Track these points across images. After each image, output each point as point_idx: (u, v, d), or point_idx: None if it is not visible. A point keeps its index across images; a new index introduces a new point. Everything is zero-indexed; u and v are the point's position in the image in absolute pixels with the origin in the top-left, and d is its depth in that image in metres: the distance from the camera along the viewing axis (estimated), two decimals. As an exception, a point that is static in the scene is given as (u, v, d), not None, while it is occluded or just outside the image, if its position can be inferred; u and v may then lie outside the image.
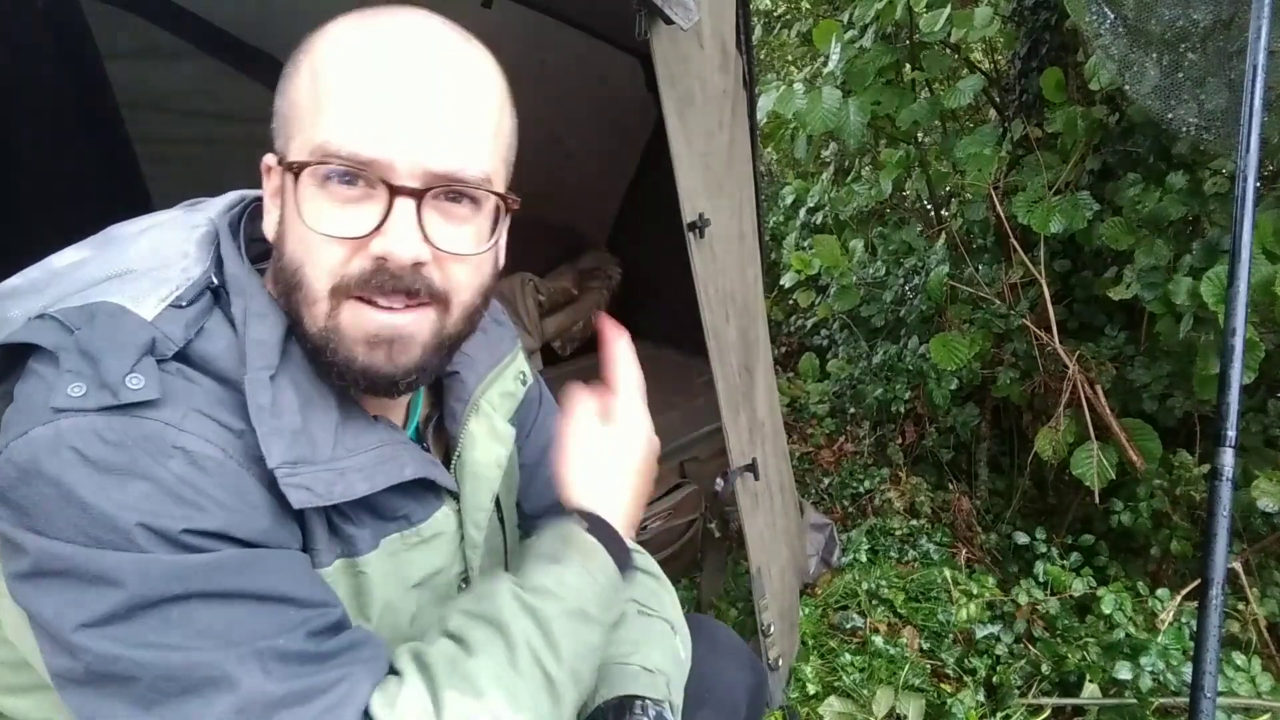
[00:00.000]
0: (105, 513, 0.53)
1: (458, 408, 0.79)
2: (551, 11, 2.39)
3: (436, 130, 0.62)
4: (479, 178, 0.64)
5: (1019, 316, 2.35)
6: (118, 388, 0.55)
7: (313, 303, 0.62)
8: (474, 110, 0.64)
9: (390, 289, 0.62)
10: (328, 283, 0.62)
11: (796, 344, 3.71)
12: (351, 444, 0.65)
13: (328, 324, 0.62)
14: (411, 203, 0.61)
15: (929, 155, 2.89)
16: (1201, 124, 1.68)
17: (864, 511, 2.48)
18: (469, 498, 0.77)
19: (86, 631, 0.53)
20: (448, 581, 0.77)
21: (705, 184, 1.45)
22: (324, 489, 0.62)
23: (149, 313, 0.60)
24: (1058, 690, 1.72)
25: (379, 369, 0.64)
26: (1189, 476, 1.98)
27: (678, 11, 1.20)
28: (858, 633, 1.92)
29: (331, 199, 0.61)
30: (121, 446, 0.55)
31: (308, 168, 0.60)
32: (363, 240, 0.61)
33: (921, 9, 2.43)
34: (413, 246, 0.61)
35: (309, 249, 0.62)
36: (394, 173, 0.60)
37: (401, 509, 0.70)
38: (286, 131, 0.64)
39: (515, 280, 2.75)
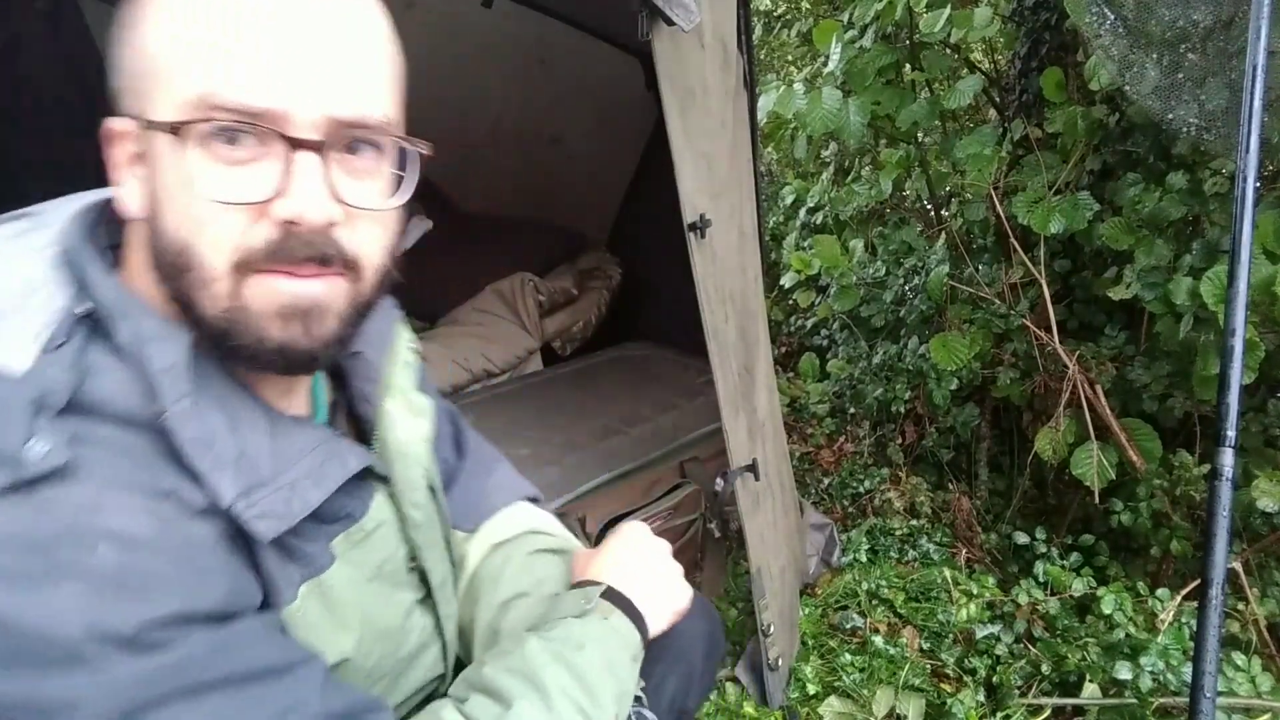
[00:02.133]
0: (40, 629, 0.45)
1: (368, 388, 0.73)
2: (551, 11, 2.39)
3: (334, 71, 0.54)
4: (384, 121, 0.58)
5: (1019, 316, 2.35)
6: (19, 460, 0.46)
7: (209, 283, 0.54)
8: (369, 45, 0.57)
9: (301, 256, 0.55)
10: (228, 258, 0.53)
11: (796, 344, 3.71)
12: (290, 453, 0.60)
13: (231, 304, 0.54)
14: (315, 157, 0.54)
15: (929, 155, 2.89)
16: (1201, 124, 1.68)
17: (864, 511, 2.48)
18: (400, 479, 0.73)
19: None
20: (397, 565, 0.74)
21: (706, 184, 1.45)
22: (284, 509, 0.57)
23: (23, 363, 0.50)
24: (1058, 690, 1.72)
25: (296, 344, 0.57)
26: (1189, 476, 1.98)
27: (679, 13, 1.20)
28: (858, 633, 1.92)
29: (217, 160, 0.52)
30: (37, 547, 0.46)
31: (188, 126, 0.51)
32: (262, 205, 0.53)
33: (921, 9, 2.43)
34: (324, 206, 0.54)
35: (199, 222, 0.53)
36: (290, 123, 0.53)
37: (343, 509, 0.66)
38: (142, 87, 0.54)
39: (515, 280, 2.75)
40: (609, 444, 2.06)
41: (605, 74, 2.54)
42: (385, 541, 0.71)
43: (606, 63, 2.49)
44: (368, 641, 0.69)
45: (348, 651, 0.66)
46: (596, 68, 2.55)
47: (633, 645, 0.76)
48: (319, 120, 0.54)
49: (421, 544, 0.75)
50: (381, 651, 0.71)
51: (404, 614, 0.75)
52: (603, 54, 2.48)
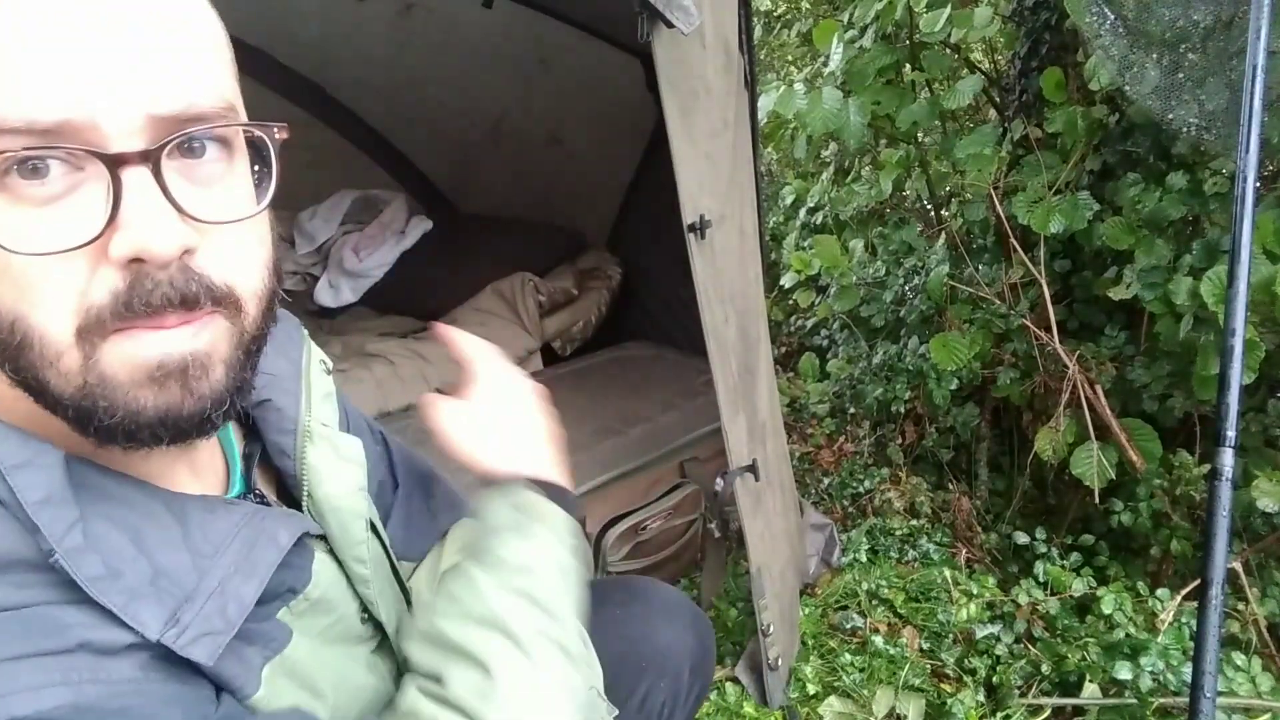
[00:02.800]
0: None
1: (284, 441, 0.64)
2: (551, 11, 2.39)
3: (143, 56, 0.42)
4: (220, 108, 0.46)
5: (1019, 316, 2.35)
6: None
7: (55, 359, 0.43)
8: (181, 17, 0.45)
9: (161, 301, 0.44)
10: (69, 323, 0.43)
11: (796, 344, 3.71)
12: (209, 547, 0.51)
13: (87, 379, 0.44)
14: (144, 170, 0.42)
15: (929, 155, 2.89)
16: (1201, 124, 1.68)
17: (864, 511, 2.48)
18: (339, 537, 0.65)
19: None
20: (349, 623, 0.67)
21: (707, 184, 1.45)
22: (221, 622, 0.49)
23: None
24: (1058, 690, 1.72)
25: (178, 410, 0.46)
26: (1189, 476, 1.98)
27: (678, 16, 1.20)
28: (858, 633, 1.92)
29: (20, 201, 0.41)
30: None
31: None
32: (94, 244, 0.42)
33: (921, 9, 2.43)
34: (171, 230, 0.43)
35: (22, 286, 0.42)
36: (102, 133, 0.41)
37: (283, 584, 0.57)
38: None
39: (515, 280, 2.75)
40: (609, 444, 2.06)
41: (605, 74, 2.54)
42: (333, 603, 0.64)
43: (606, 63, 2.49)
44: (343, 705, 0.63)
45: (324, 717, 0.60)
46: (596, 68, 2.55)
47: (572, 530, 0.70)
48: (138, 123, 0.42)
49: (372, 596, 0.68)
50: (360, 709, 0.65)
51: (366, 667, 0.69)
52: (603, 54, 2.48)
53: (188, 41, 0.45)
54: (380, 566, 0.72)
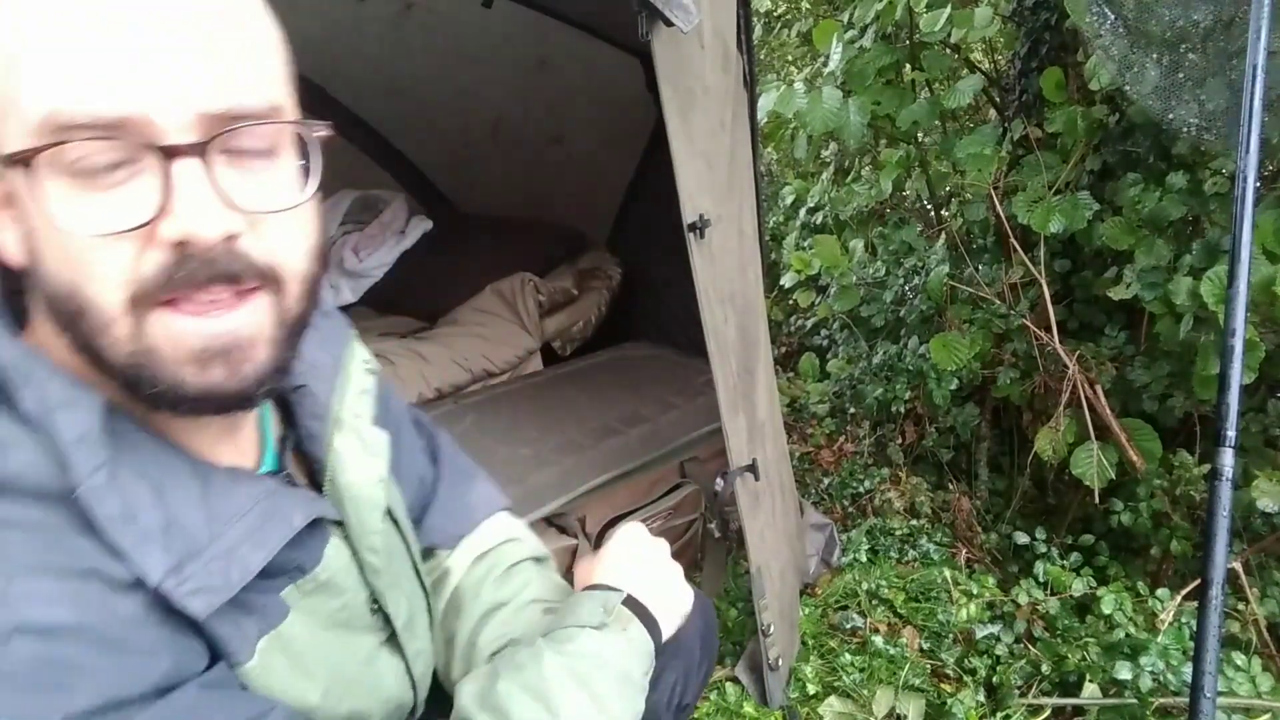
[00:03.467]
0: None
1: (315, 425, 0.67)
2: (551, 11, 2.39)
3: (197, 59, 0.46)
4: (264, 107, 0.50)
5: (1019, 316, 2.35)
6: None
7: (105, 326, 0.47)
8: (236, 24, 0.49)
9: (205, 279, 0.48)
10: (120, 294, 0.47)
11: (796, 344, 3.71)
12: (226, 513, 0.54)
13: (135, 348, 0.48)
14: (195, 161, 0.46)
15: (929, 155, 2.89)
16: (1202, 124, 1.68)
17: (864, 511, 2.48)
18: (355, 525, 0.67)
19: None
20: (358, 610, 0.69)
21: (706, 184, 1.45)
22: (221, 580, 0.51)
23: None
24: (1058, 690, 1.72)
25: (222, 389, 0.50)
26: (1189, 476, 1.98)
27: (678, 14, 1.20)
28: (858, 633, 1.92)
29: (86, 187, 0.46)
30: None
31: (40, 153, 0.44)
32: (148, 228, 0.46)
33: (921, 9, 2.43)
34: (216, 217, 0.47)
35: (78, 261, 0.46)
36: (157, 129, 0.46)
37: (292, 561, 0.60)
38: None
39: (515, 280, 2.75)
40: (609, 444, 2.06)
41: (605, 74, 2.54)
42: (341, 588, 0.66)
43: (606, 63, 2.49)
44: (337, 690, 0.64)
45: (314, 702, 0.62)
46: (596, 68, 2.55)
47: (648, 657, 0.74)
48: (190, 119, 0.46)
49: (382, 587, 0.70)
50: (354, 700, 0.67)
51: (367, 658, 0.70)
52: (603, 54, 2.48)
53: (239, 46, 0.49)
54: (396, 559, 0.74)
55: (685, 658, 0.88)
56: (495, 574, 0.86)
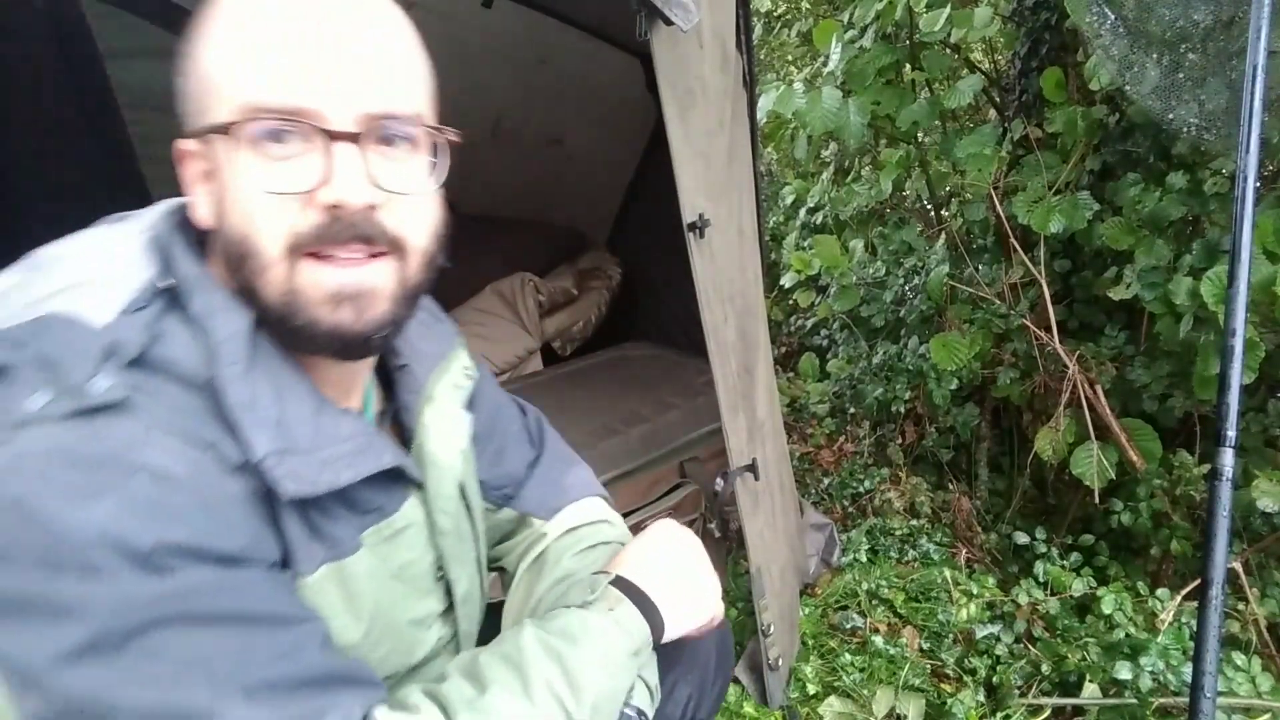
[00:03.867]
0: (67, 532, 0.50)
1: (411, 400, 0.78)
2: (551, 11, 2.39)
3: (363, 71, 0.60)
4: (412, 114, 0.64)
5: (1019, 316, 2.35)
6: (82, 390, 0.53)
7: (266, 268, 0.60)
8: (395, 48, 0.64)
9: (347, 238, 0.60)
10: (280, 243, 0.60)
11: (796, 344, 3.71)
12: (330, 433, 0.64)
13: (286, 288, 0.60)
14: (352, 147, 0.60)
15: (929, 155, 2.89)
16: (1202, 124, 1.68)
17: (864, 511, 2.48)
18: (433, 487, 0.77)
19: (57, 667, 0.49)
20: (423, 571, 0.77)
21: (705, 184, 1.45)
22: (311, 477, 0.60)
23: (103, 319, 0.57)
24: (1058, 690, 1.72)
25: (348, 328, 0.62)
26: (1189, 476, 1.98)
27: (678, 13, 1.20)
28: (858, 633, 1.92)
29: (266, 158, 0.59)
30: (86, 465, 0.52)
31: (237, 126, 0.58)
32: (309, 194, 0.59)
33: (921, 9, 2.43)
34: (363, 190, 0.60)
35: (253, 213, 0.59)
36: (327, 119, 0.59)
37: (374, 501, 0.70)
38: (198, 107, 0.61)
39: (515, 280, 2.75)
40: (609, 444, 2.06)
41: (605, 74, 2.54)
42: (413, 543, 0.75)
43: (606, 63, 2.49)
44: (376, 634, 0.70)
45: (354, 639, 0.68)
46: (596, 68, 2.55)
47: (636, 640, 0.75)
48: (351, 115, 0.60)
49: (449, 553, 0.79)
50: (391, 648, 0.73)
51: (422, 622, 0.77)
52: (603, 54, 2.48)
53: (397, 64, 0.63)
54: (462, 535, 0.82)
55: (700, 672, 0.89)
56: (579, 547, 0.91)
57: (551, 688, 0.66)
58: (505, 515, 0.95)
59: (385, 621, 0.71)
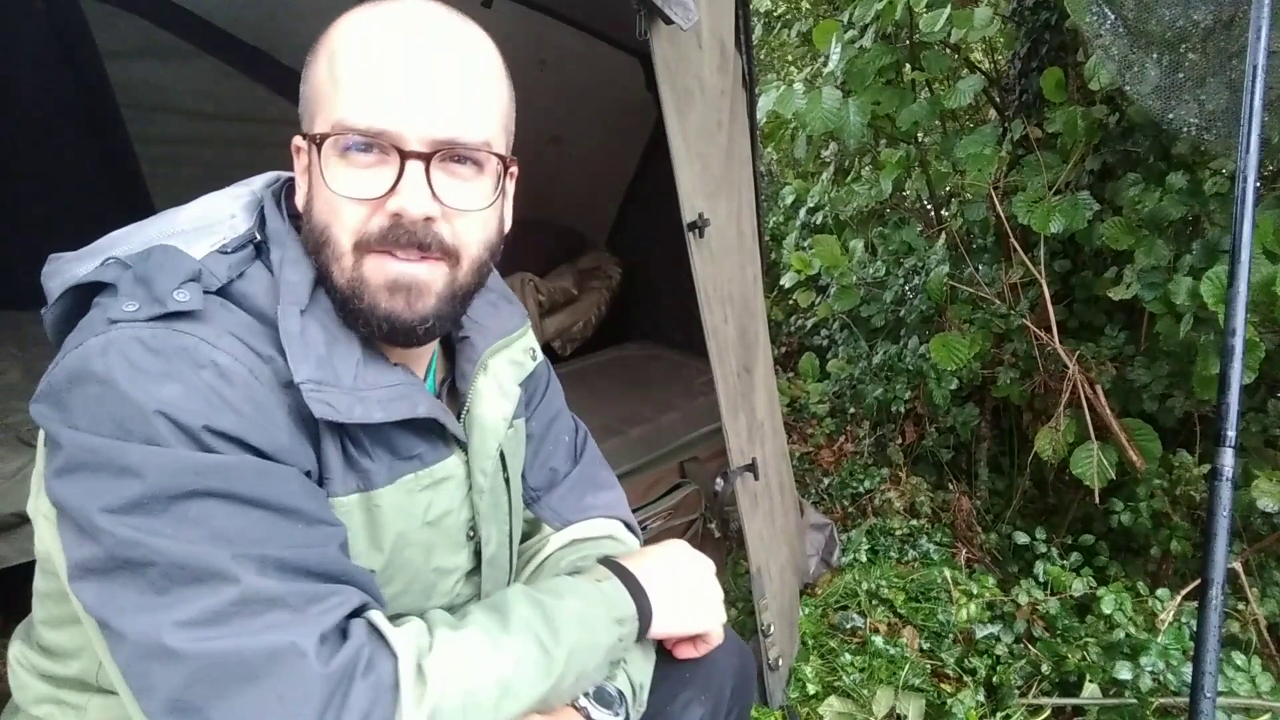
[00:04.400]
0: (138, 404, 0.59)
1: (468, 368, 0.86)
2: (551, 11, 2.39)
3: (438, 101, 0.69)
4: (478, 142, 0.72)
5: (1019, 316, 2.35)
6: (165, 299, 0.63)
7: (339, 257, 0.71)
8: (471, 83, 0.72)
9: (406, 242, 0.70)
10: (351, 238, 0.70)
11: (796, 344, 3.71)
12: (372, 379, 0.72)
13: (353, 275, 0.71)
14: (420, 165, 0.69)
15: (929, 155, 2.89)
16: (1202, 124, 1.68)
17: (864, 511, 2.48)
18: (476, 447, 0.83)
19: (109, 516, 0.58)
20: (458, 525, 0.83)
21: (705, 184, 1.45)
22: (344, 408, 0.68)
23: (198, 254, 0.69)
24: (1058, 690, 1.72)
25: (399, 314, 0.71)
26: (1189, 476, 1.98)
27: (678, 12, 1.20)
28: (858, 633, 1.92)
29: (351, 166, 0.69)
30: (162, 353, 0.62)
31: (329, 138, 0.69)
32: (380, 200, 0.69)
33: (921, 9, 2.43)
34: (424, 203, 0.69)
35: (334, 210, 0.70)
36: (404, 140, 0.68)
37: (415, 449, 0.77)
38: (310, 112, 0.72)
39: (515, 280, 2.75)
40: (609, 444, 2.06)
41: (605, 74, 2.54)
42: (450, 496, 0.81)
43: (606, 63, 2.49)
44: (394, 568, 0.77)
45: (373, 566, 0.75)
46: (596, 68, 2.55)
47: (618, 608, 0.80)
48: (425, 138, 0.69)
49: (482, 512, 0.85)
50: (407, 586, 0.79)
51: (446, 573, 0.83)
52: (603, 54, 2.48)
53: (472, 99, 0.72)
54: (497, 491, 0.88)
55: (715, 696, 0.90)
56: (577, 555, 0.95)
57: (530, 626, 0.72)
58: (526, 514, 0.99)
59: (406, 559, 0.78)
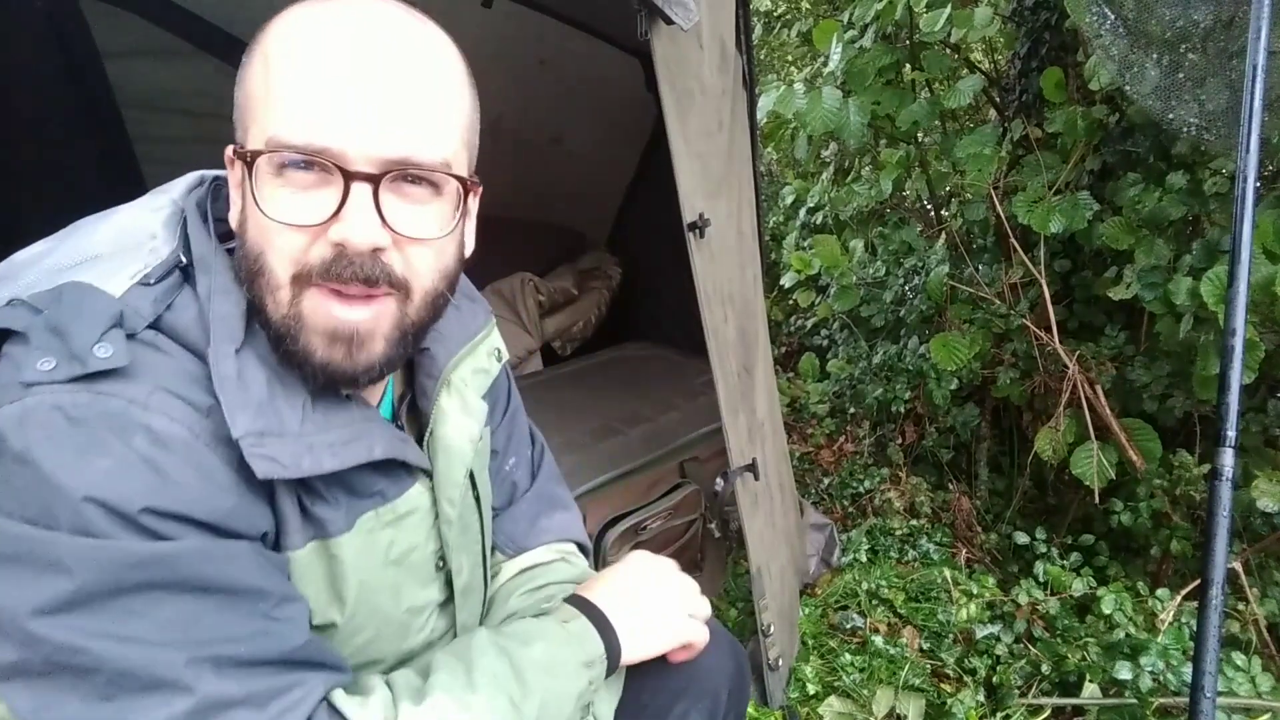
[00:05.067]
0: (64, 490, 0.52)
1: (429, 384, 0.78)
2: (551, 11, 2.39)
3: (387, 115, 0.60)
4: (436, 161, 0.63)
5: (1019, 316, 2.35)
6: (85, 357, 0.55)
7: (275, 289, 0.62)
8: (427, 93, 0.62)
9: (350, 276, 0.61)
10: (289, 270, 0.61)
11: (796, 344, 3.71)
12: (321, 421, 0.65)
13: (290, 311, 0.62)
14: (367, 188, 0.60)
15: (929, 155, 2.89)
16: (1202, 124, 1.68)
17: (864, 511, 2.48)
18: (442, 474, 0.77)
19: (44, 619, 0.51)
20: (424, 559, 0.77)
21: (705, 184, 1.45)
22: (290, 461, 0.60)
23: (116, 290, 0.60)
24: (1058, 690, 1.72)
25: (338, 365, 0.63)
26: (1189, 476, 1.98)
27: (678, 12, 1.20)
28: (858, 633, 1.92)
29: (288, 185, 0.60)
30: (86, 423, 0.54)
31: (262, 156, 0.60)
32: (321, 227, 0.60)
33: (921, 9, 2.43)
34: (371, 233, 0.60)
35: (269, 236, 0.61)
36: (347, 159, 0.59)
37: (375, 486, 0.70)
38: (244, 122, 0.63)
39: (515, 280, 2.75)
40: (609, 444, 2.06)
41: (605, 74, 2.53)
42: (415, 530, 0.75)
43: (606, 63, 2.48)
44: (361, 617, 0.71)
45: (336, 620, 0.69)
46: (596, 68, 2.55)
47: (587, 651, 0.76)
48: (372, 157, 0.60)
49: (451, 542, 0.78)
50: (378, 633, 0.74)
51: (420, 611, 0.78)
52: (603, 54, 2.48)
53: (428, 113, 0.62)
54: (467, 516, 0.82)
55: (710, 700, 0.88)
56: (530, 586, 0.91)
57: (497, 680, 0.67)
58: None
59: (373, 606, 0.72)
